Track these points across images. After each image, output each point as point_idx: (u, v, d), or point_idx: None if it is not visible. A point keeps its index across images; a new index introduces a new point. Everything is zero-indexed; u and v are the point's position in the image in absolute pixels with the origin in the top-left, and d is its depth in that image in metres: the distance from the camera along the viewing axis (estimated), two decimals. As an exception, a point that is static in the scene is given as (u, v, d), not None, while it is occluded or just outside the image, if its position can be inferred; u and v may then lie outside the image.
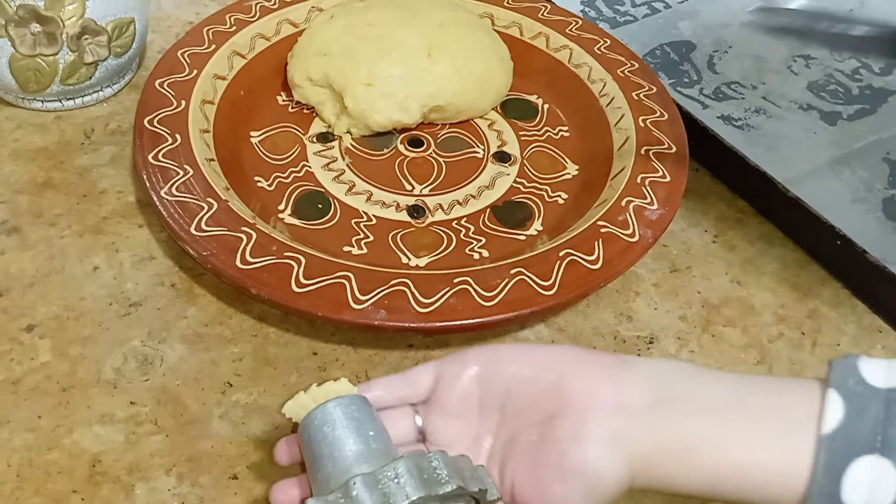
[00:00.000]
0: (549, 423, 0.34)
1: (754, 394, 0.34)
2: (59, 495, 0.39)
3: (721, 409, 0.33)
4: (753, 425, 0.33)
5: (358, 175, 0.55)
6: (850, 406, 0.31)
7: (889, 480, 0.29)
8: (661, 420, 0.33)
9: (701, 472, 0.33)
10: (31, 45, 0.54)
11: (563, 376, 0.35)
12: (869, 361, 0.32)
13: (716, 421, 0.33)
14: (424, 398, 0.37)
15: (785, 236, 0.56)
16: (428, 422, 0.36)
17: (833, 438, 0.30)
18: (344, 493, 0.28)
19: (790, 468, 0.31)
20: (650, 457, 0.33)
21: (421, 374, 0.37)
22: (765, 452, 0.32)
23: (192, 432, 0.42)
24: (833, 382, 0.31)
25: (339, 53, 0.56)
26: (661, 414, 0.33)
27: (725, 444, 0.33)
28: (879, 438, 0.30)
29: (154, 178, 0.48)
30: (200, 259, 0.45)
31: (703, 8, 0.74)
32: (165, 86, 0.54)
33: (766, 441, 0.32)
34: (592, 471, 0.33)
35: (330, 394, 0.34)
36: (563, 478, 0.33)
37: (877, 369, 0.32)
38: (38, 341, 0.45)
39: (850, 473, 0.30)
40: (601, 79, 0.60)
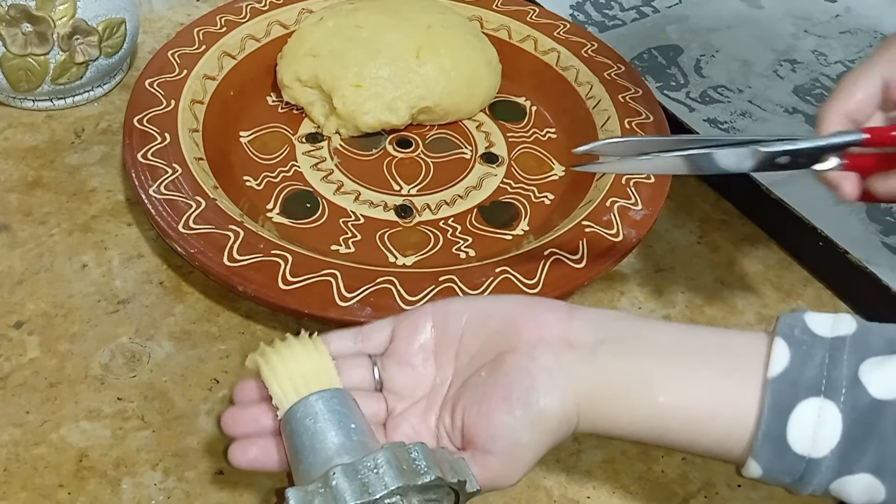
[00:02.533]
0: (498, 359, 0.35)
1: (700, 338, 0.34)
2: (46, 489, 0.40)
3: (667, 349, 0.34)
4: (699, 366, 0.33)
5: (346, 175, 0.56)
6: (796, 352, 0.31)
7: (833, 420, 0.30)
8: (607, 357, 0.34)
9: (645, 410, 0.33)
10: (22, 45, 0.54)
11: (513, 317, 0.36)
12: (816, 314, 0.33)
13: (661, 360, 0.33)
14: (381, 351, 0.38)
15: (768, 237, 0.57)
16: (385, 372, 0.37)
17: (779, 381, 0.31)
18: (324, 483, 0.29)
19: (737, 410, 0.32)
20: (595, 394, 0.34)
21: (378, 329, 0.38)
22: (711, 393, 0.32)
23: (178, 428, 0.43)
24: (780, 331, 0.32)
25: (328, 55, 0.57)
26: (606, 351, 0.34)
27: (670, 383, 0.33)
28: (824, 382, 0.31)
29: (143, 177, 0.48)
30: (188, 257, 0.45)
31: (691, 13, 0.75)
32: (155, 86, 0.54)
33: (712, 382, 0.33)
34: (536, 403, 0.33)
35: (292, 343, 0.36)
36: (508, 407, 0.33)
37: (823, 321, 0.33)
38: (26, 338, 0.46)
39: (795, 415, 0.30)
40: (588, 81, 0.60)
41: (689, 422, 0.33)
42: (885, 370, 0.30)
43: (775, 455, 0.31)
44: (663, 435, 0.33)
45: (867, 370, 0.30)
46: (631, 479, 0.43)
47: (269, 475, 0.41)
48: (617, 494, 0.42)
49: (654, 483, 0.43)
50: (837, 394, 0.30)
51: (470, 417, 0.34)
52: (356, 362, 0.38)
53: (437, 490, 0.30)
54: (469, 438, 0.34)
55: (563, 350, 0.34)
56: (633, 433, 0.34)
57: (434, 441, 0.36)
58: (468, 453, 0.34)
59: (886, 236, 0.55)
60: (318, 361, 0.35)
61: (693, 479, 0.43)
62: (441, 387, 0.37)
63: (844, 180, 0.38)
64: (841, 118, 0.39)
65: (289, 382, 0.35)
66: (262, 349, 0.36)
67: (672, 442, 0.34)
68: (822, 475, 0.31)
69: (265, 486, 0.41)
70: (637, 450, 0.44)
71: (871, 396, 0.30)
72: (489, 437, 0.33)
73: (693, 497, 0.42)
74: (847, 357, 0.31)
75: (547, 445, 0.34)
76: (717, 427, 0.32)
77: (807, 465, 0.31)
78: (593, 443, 0.44)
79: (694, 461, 0.44)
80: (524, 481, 0.41)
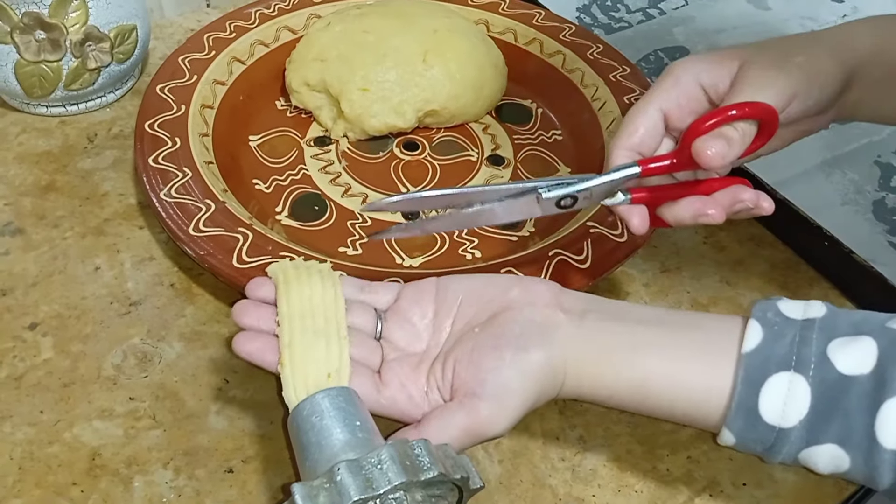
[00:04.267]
0: (492, 318, 0.38)
1: (680, 315, 0.38)
2: (59, 487, 0.40)
3: (649, 321, 0.37)
4: (679, 338, 0.36)
5: (354, 178, 0.56)
6: (769, 331, 0.34)
7: (801, 393, 0.33)
8: (593, 322, 0.37)
9: (628, 373, 0.36)
10: (35, 52, 0.55)
11: (508, 286, 0.40)
12: (788, 301, 0.36)
13: (643, 329, 0.37)
14: (385, 309, 0.41)
15: (774, 237, 0.57)
16: (386, 324, 0.41)
17: (752, 356, 0.34)
18: (328, 479, 0.29)
19: (712, 380, 0.35)
20: (582, 355, 0.37)
21: (385, 289, 0.42)
22: (689, 362, 0.35)
23: (189, 427, 0.43)
24: (753, 314, 0.35)
25: (335, 59, 0.57)
26: (593, 318, 0.37)
27: (652, 348, 0.36)
28: (794, 357, 0.33)
29: (154, 181, 0.49)
30: (198, 258, 0.46)
31: (698, 14, 0.75)
32: (166, 91, 0.55)
33: (690, 352, 0.36)
34: (525, 349, 0.36)
35: (311, 268, 0.40)
36: (498, 353, 0.36)
37: (795, 306, 0.35)
38: (40, 339, 0.47)
39: (767, 387, 0.33)
40: (593, 83, 0.61)
41: (668, 387, 0.35)
42: (851, 349, 0.33)
43: (747, 424, 0.34)
44: (644, 400, 0.36)
45: (835, 349, 0.33)
46: (636, 478, 0.43)
47: (277, 473, 0.42)
48: (622, 493, 0.42)
49: (659, 481, 0.43)
50: (807, 369, 0.33)
51: (461, 366, 0.37)
52: (362, 308, 0.41)
53: (441, 486, 0.31)
54: (458, 387, 0.37)
55: (553, 312, 0.37)
56: (615, 396, 0.37)
57: (422, 392, 0.38)
58: (456, 401, 0.36)
59: (893, 236, 0.55)
60: (329, 295, 0.39)
61: (698, 477, 0.43)
62: (435, 348, 0.40)
63: (632, 214, 0.39)
64: (626, 152, 0.40)
65: (297, 305, 0.38)
66: (284, 265, 0.40)
67: (652, 407, 0.36)
68: (792, 444, 0.33)
69: (274, 483, 0.41)
70: (642, 448, 0.44)
71: (838, 372, 0.32)
72: (478, 381, 0.36)
73: (698, 495, 0.42)
74: (816, 336, 0.33)
75: (534, 394, 0.36)
76: (694, 395, 0.35)
77: (777, 435, 0.33)
78: (598, 441, 0.44)
79: (699, 460, 0.44)
80: (529, 479, 0.42)
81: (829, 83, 0.40)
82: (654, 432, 0.45)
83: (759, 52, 0.40)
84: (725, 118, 0.36)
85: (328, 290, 0.39)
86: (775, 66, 0.38)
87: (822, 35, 0.42)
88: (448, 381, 0.37)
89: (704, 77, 0.39)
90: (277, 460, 0.42)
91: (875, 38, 0.41)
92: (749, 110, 0.36)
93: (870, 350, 0.32)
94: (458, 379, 0.37)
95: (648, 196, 0.39)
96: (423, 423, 0.37)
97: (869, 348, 0.32)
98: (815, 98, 0.39)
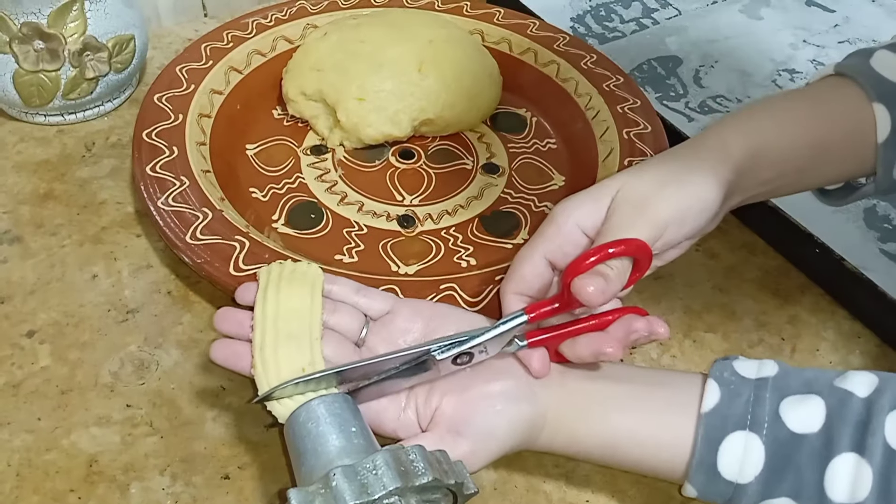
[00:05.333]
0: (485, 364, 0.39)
1: (647, 374, 0.40)
2: (56, 494, 0.41)
3: (622, 379, 0.40)
4: (646, 394, 0.38)
5: (350, 186, 0.57)
6: (725, 391, 0.36)
7: (756, 451, 0.34)
8: (574, 378, 0.40)
9: (600, 428, 0.38)
10: (34, 62, 0.56)
11: None
12: (744, 360, 0.38)
13: (616, 386, 0.39)
14: (376, 318, 0.42)
15: (766, 245, 0.57)
16: (372, 336, 0.41)
17: (710, 416, 0.36)
18: (324, 484, 0.30)
19: (675, 438, 0.37)
20: (561, 412, 0.39)
21: (381, 298, 0.42)
22: (655, 419, 0.38)
23: (186, 434, 0.44)
24: (711, 374, 0.37)
25: (331, 69, 0.58)
26: (573, 376, 0.40)
27: (622, 404, 0.38)
28: (749, 417, 0.35)
29: (151, 189, 0.50)
30: (195, 266, 0.46)
31: (691, 24, 0.76)
32: (164, 100, 0.56)
33: (655, 409, 0.38)
34: (517, 403, 0.38)
35: (297, 271, 0.41)
36: (490, 401, 0.38)
37: (749, 366, 0.37)
38: (38, 346, 0.47)
39: (725, 445, 0.35)
40: (587, 93, 0.61)
41: (635, 443, 0.38)
42: (802, 408, 0.35)
43: (707, 480, 0.35)
44: (614, 454, 0.38)
45: (786, 408, 0.35)
46: (629, 484, 0.43)
47: (273, 479, 0.42)
48: (615, 498, 0.43)
49: (651, 487, 0.43)
50: (761, 428, 0.35)
51: (449, 402, 0.38)
52: (350, 312, 0.41)
53: (435, 491, 0.31)
54: (439, 420, 0.38)
55: None
56: (587, 449, 0.39)
57: (397, 407, 0.39)
58: (436, 435, 0.37)
59: (884, 243, 0.56)
60: (306, 298, 0.40)
61: (691, 482, 0.44)
62: None
63: (531, 358, 0.40)
64: (517, 297, 0.41)
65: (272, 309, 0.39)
66: (271, 267, 0.41)
67: (620, 461, 0.39)
68: (749, 498, 0.35)
69: (271, 490, 0.42)
70: (635, 454, 0.44)
71: (789, 430, 0.34)
72: (465, 422, 0.37)
73: (689, 502, 0.43)
74: (769, 395, 0.35)
75: (515, 443, 0.38)
76: (658, 451, 0.37)
77: (734, 490, 0.35)
78: (592, 447, 0.45)
79: (691, 465, 0.44)
80: (524, 485, 0.42)
81: (703, 209, 0.40)
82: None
83: (633, 184, 0.40)
84: (601, 257, 0.37)
85: (305, 294, 0.40)
86: (644, 201, 0.39)
87: (699, 148, 0.42)
88: (430, 410, 0.39)
89: (584, 220, 0.40)
90: (274, 467, 0.42)
91: (748, 142, 0.41)
92: (623, 248, 0.37)
93: (818, 409, 0.34)
94: (442, 413, 0.38)
95: (546, 338, 0.40)
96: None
97: (818, 407, 0.34)
98: (690, 225, 0.40)
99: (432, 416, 0.38)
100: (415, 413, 0.39)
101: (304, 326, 0.39)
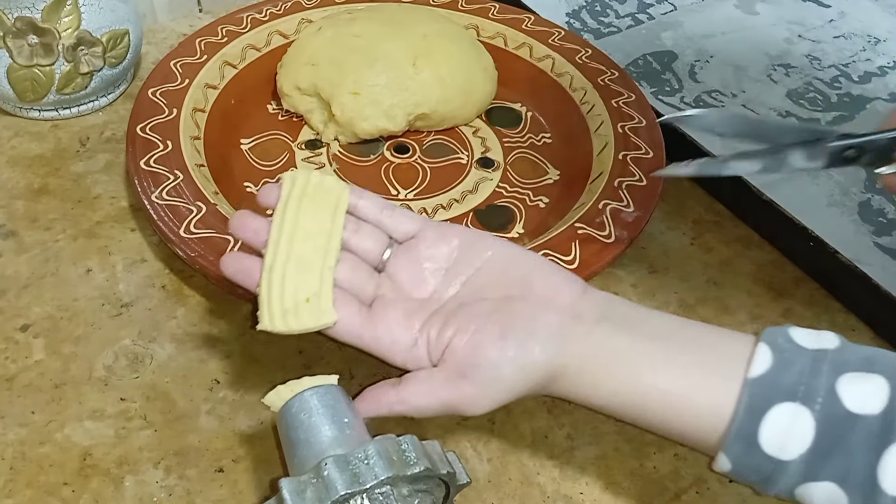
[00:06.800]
0: (507, 300, 0.37)
1: (691, 331, 0.36)
2: (50, 487, 0.41)
3: (658, 336, 0.36)
4: (687, 356, 0.35)
5: (345, 180, 0.56)
6: (778, 358, 0.33)
7: (805, 427, 0.31)
8: (604, 332, 0.36)
9: (627, 388, 0.35)
10: (28, 56, 0.55)
11: (531, 272, 0.38)
12: (800, 329, 0.34)
13: (650, 344, 0.35)
14: (400, 241, 0.40)
15: (761, 238, 0.57)
16: (394, 260, 0.39)
17: (758, 383, 0.32)
18: (316, 474, 0.30)
19: (713, 404, 0.33)
20: (584, 363, 0.35)
21: (408, 219, 0.40)
22: (690, 383, 0.34)
23: (179, 427, 0.44)
24: (764, 338, 0.34)
25: (326, 63, 0.58)
26: (605, 327, 0.36)
27: (655, 367, 0.35)
28: (802, 388, 0.32)
29: (145, 183, 0.50)
30: (189, 260, 0.46)
31: (686, 19, 0.76)
32: (158, 95, 0.56)
33: (693, 372, 0.34)
34: (531, 350, 0.35)
35: (322, 185, 0.39)
36: (502, 345, 0.35)
37: (807, 335, 0.34)
38: (32, 340, 0.47)
39: (769, 417, 0.32)
40: (582, 87, 0.61)
41: (666, 404, 0.34)
42: (862, 386, 0.31)
43: (744, 453, 0.32)
44: (641, 414, 0.35)
45: (844, 384, 0.31)
46: (623, 475, 0.43)
47: (267, 472, 0.42)
48: (609, 490, 0.43)
49: (646, 479, 0.43)
50: (813, 402, 0.31)
51: (460, 340, 0.36)
52: (373, 232, 0.39)
53: (427, 481, 0.31)
54: (448, 358, 0.36)
55: (567, 317, 0.36)
56: (610, 406, 0.36)
57: (410, 339, 0.37)
58: (443, 375, 0.35)
59: (878, 237, 0.56)
60: (326, 218, 0.38)
61: (685, 474, 0.44)
62: (437, 302, 0.38)
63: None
64: None
65: (289, 228, 0.37)
66: (297, 175, 0.39)
67: (648, 422, 0.36)
68: (789, 478, 0.32)
69: (265, 483, 0.42)
70: (630, 446, 0.45)
71: (845, 408, 0.31)
72: (472, 365, 0.35)
73: (685, 492, 0.43)
74: (827, 369, 0.32)
75: (524, 390, 0.36)
76: (693, 414, 0.34)
77: (775, 466, 0.32)
78: (586, 439, 0.45)
79: (686, 457, 0.44)
80: (518, 477, 0.42)
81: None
82: (641, 430, 0.45)
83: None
84: None
85: (326, 215, 0.38)
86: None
87: None
88: (441, 346, 0.36)
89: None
90: (267, 459, 0.42)
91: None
92: None
93: (881, 389, 0.31)
94: (451, 352, 0.36)
95: None
96: (403, 383, 0.36)
97: (881, 387, 0.31)
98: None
99: (443, 353, 0.36)
100: (426, 346, 0.37)
101: (319, 252, 0.37)
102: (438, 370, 0.36)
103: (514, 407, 0.46)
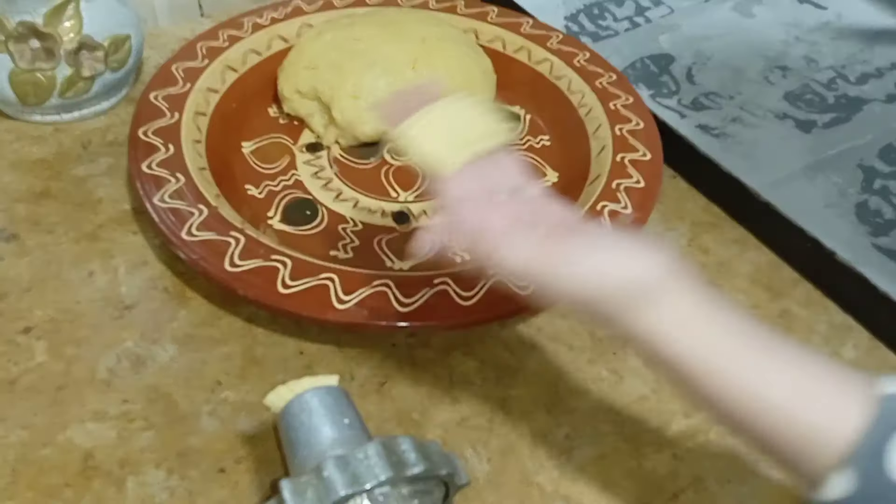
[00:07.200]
0: None
1: (810, 353, 0.31)
2: (52, 489, 0.41)
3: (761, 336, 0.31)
4: (797, 353, 0.30)
5: (345, 183, 0.57)
6: None
7: None
8: (712, 306, 0.31)
9: (722, 376, 0.30)
10: (30, 60, 0.56)
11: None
12: None
13: (757, 330, 0.31)
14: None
15: (758, 240, 0.58)
16: None
17: (892, 399, 0.28)
18: (316, 475, 0.30)
19: (827, 416, 0.28)
20: (690, 313, 0.31)
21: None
22: (802, 385, 0.29)
23: (181, 429, 0.44)
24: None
25: (326, 67, 0.58)
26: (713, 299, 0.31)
27: (756, 355, 0.30)
28: None
29: (147, 186, 0.50)
30: (190, 262, 0.47)
31: (683, 22, 0.76)
32: (160, 98, 0.56)
33: (807, 372, 0.29)
34: (628, 251, 0.32)
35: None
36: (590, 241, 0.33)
37: None
38: (34, 342, 0.47)
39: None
40: (580, 90, 0.62)
41: (769, 406, 0.29)
42: None
43: (866, 477, 0.28)
44: (731, 413, 0.31)
45: None
46: (622, 475, 0.44)
47: (268, 473, 0.42)
48: (608, 490, 0.43)
49: (644, 479, 0.44)
50: None
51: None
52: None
53: (427, 481, 0.32)
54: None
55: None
56: (692, 389, 0.31)
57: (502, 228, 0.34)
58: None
59: (876, 237, 0.56)
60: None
61: (683, 474, 0.44)
62: None
63: None
64: None
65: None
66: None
67: (739, 422, 0.31)
68: None
69: (266, 483, 0.42)
70: (628, 446, 0.45)
71: None
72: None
73: (682, 492, 0.43)
74: None
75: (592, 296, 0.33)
76: (799, 423, 0.29)
77: None
78: (585, 440, 0.45)
79: (683, 457, 0.44)
80: (517, 477, 0.43)
81: None
82: (639, 430, 0.46)
83: None
84: None
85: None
86: None
87: None
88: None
89: None
90: (269, 460, 0.43)
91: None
92: None
93: None
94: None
95: None
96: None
97: None
98: None
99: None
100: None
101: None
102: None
103: (513, 407, 0.46)
